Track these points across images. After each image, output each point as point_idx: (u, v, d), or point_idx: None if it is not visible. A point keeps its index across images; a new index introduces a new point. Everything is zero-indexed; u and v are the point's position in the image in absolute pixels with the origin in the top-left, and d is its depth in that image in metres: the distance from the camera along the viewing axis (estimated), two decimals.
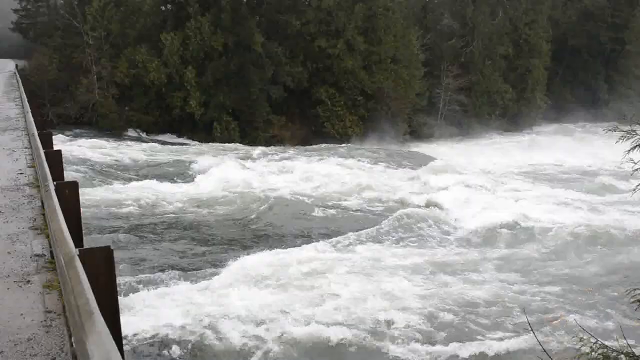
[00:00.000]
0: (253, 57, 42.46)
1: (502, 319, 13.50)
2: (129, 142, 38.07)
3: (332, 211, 22.76)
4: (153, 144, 38.35)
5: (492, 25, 53.07)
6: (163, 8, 46.73)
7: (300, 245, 18.32)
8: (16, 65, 37.13)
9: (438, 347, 12.37)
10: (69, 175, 24.01)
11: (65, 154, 28.33)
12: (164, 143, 39.64)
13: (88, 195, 22.24)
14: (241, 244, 18.95)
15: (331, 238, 19.10)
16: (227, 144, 39.36)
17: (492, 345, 12.36)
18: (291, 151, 36.76)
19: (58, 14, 47.41)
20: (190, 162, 30.27)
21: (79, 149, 32.02)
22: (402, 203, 23.95)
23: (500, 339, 12.60)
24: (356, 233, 19.50)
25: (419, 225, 20.74)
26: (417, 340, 12.58)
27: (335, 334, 12.66)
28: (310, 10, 45.38)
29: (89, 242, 16.73)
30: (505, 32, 54.36)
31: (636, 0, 59.63)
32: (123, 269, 15.59)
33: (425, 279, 15.90)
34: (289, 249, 17.82)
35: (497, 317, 13.58)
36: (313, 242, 18.78)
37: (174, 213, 21.88)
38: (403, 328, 13.05)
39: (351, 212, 22.93)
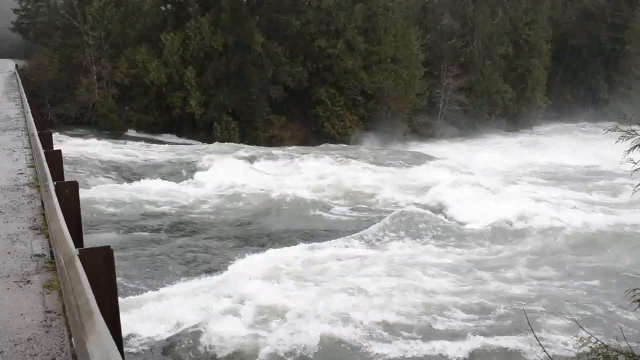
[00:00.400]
0: (253, 57, 42.43)
1: (554, 313, 13.59)
2: (145, 143, 37.85)
3: (356, 211, 23.26)
4: (181, 145, 38.46)
5: (492, 25, 53.04)
6: (163, 8, 46.71)
7: (319, 242, 18.90)
8: (16, 65, 37.05)
9: (491, 340, 12.51)
10: (104, 179, 24.94)
11: (90, 156, 29.03)
12: (163, 143, 39.52)
13: (116, 193, 23.34)
14: (270, 240, 19.47)
15: (356, 233, 19.65)
16: (245, 145, 39.28)
17: (551, 338, 12.39)
18: (308, 152, 36.80)
19: (58, 14, 47.40)
20: (212, 161, 30.56)
21: (97, 149, 32.18)
22: (419, 202, 24.22)
23: (556, 330, 12.68)
24: (380, 230, 19.91)
25: (440, 223, 21.14)
26: (470, 334, 12.74)
27: (372, 329, 12.77)
28: (310, 10, 45.35)
29: (119, 239, 17.00)
30: (505, 32, 54.33)
31: (636, 0, 59.60)
32: (155, 267, 16.08)
33: (461, 275, 16.24)
34: (311, 245, 18.50)
35: (548, 311, 13.68)
36: (333, 239, 19.27)
37: (205, 212, 22.62)
38: (458, 320, 13.26)
39: (371, 212, 23.30)
